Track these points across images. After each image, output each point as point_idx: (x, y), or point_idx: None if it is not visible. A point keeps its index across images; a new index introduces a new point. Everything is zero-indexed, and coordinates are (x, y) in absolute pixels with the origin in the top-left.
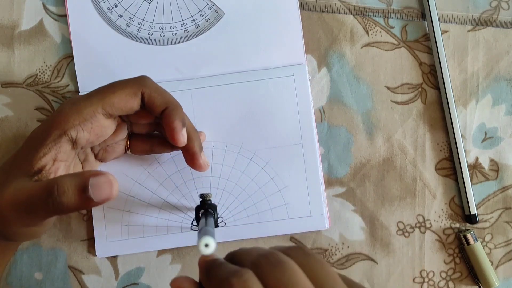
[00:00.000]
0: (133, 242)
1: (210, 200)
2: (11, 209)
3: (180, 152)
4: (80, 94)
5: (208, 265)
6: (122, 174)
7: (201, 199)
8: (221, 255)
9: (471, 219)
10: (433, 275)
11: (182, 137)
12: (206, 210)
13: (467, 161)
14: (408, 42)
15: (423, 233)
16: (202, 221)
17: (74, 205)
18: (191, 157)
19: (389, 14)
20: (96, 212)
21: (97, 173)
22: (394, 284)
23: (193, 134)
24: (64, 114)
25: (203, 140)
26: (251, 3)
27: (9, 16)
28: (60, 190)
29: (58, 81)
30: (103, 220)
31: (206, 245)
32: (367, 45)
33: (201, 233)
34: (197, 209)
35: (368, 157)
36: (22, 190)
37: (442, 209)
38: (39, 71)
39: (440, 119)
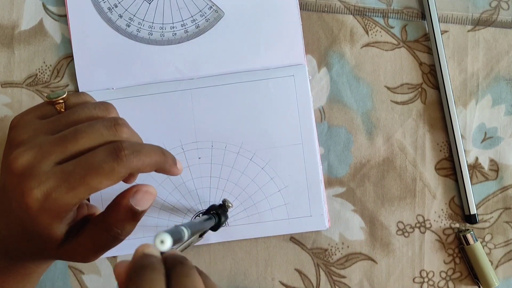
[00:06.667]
0: (133, 242)
1: (226, 209)
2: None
3: (179, 152)
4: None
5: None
6: None
7: (221, 203)
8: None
9: (471, 219)
10: (433, 275)
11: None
12: (215, 213)
13: (467, 161)
14: (408, 42)
15: (423, 233)
16: (199, 218)
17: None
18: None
19: (389, 14)
20: None
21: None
22: (394, 284)
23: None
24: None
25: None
26: (251, 3)
27: (9, 16)
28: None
29: (58, 81)
30: None
31: (162, 242)
32: (367, 45)
33: (171, 229)
34: (211, 208)
35: (368, 157)
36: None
37: (442, 209)
38: (39, 71)
39: (440, 119)
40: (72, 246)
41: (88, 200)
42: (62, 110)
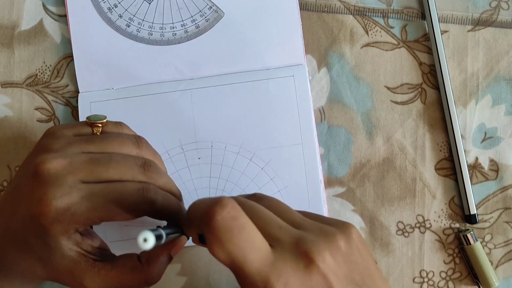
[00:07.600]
0: (134, 242)
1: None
2: None
3: (179, 152)
4: (79, 94)
5: (191, 206)
6: None
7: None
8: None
9: (471, 219)
10: (433, 275)
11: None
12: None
13: (466, 161)
14: (408, 42)
15: (423, 233)
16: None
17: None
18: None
19: (389, 14)
20: None
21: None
22: (394, 284)
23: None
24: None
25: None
26: (251, 3)
27: (9, 16)
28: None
29: (58, 81)
30: None
31: (145, 240)
32: (367, 45)
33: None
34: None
35: (368, 157)
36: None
37: (442, 209)
38: (39, 71)
39: (440, 119)
40: (91, 273)
41: None
42: (98, 133)
